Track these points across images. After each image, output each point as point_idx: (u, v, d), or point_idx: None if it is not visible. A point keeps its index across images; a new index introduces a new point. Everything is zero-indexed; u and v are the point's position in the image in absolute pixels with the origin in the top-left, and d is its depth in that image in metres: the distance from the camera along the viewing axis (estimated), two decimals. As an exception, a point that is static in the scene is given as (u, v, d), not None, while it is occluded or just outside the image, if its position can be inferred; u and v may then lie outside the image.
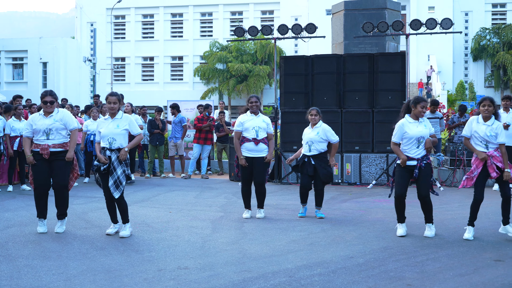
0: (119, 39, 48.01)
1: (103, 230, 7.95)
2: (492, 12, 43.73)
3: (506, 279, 5.53)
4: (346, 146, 14.08)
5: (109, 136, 7.63)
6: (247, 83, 41.72)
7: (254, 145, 9.06)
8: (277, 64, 17.28)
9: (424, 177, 7.63)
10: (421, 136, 7.63)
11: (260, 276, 5.65)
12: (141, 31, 48.19)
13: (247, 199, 9.31)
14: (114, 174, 7.52)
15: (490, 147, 7.42)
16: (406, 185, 7.72)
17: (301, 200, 9.40)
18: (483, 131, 7.43)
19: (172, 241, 7.29)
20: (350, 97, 14.20)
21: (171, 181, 14.99)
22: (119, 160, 7.57)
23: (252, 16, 46.05)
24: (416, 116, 7.72)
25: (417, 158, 7.64)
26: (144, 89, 46.39)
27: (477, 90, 41.21)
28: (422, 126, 7.70)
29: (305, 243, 7.23)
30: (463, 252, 6.69)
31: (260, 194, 9.21)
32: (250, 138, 9.07)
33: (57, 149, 7.87)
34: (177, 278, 5.62)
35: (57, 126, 7.88)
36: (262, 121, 9.17)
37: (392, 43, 19.40)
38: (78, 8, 48.38)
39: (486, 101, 7.52)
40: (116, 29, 48.33)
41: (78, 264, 6.16)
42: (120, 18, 48.34)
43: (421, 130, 7.65)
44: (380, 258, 6.39)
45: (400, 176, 7.70)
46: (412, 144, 7.66)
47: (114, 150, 7.61)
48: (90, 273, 5.81)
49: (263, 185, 9.18)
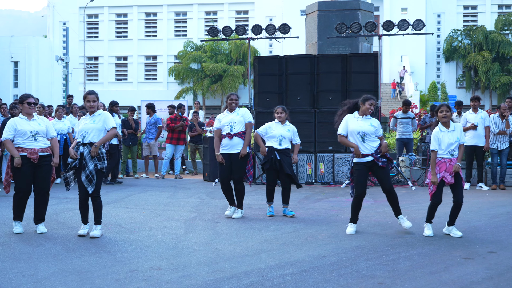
0: (92, 38, 47.65)
1: (74, 231, 7.88)
2: (463, 13, 44.33)
3: (475, 277, 5.61)
4: (320, 146, 14.15)
5: (83, 130, 7.62)
6: (221, 83, 41.69)
7: (228, 140, 9.03)
8: (251, 64, 17.29)
9: (385, 170, 7.83)
10: (362, 131, 7.78)
11: (233, 276, 5.65)
12: (114, 30, 47.87)
13: (229, 195, 9.24)
14: (86, 169, 7.49)
15: (455, 155, 7.55)
16: (366, 183, 7.91)
17: (267, 198, 9.47)
18: (448, 139, 7.56)
19: (144, 242, 7.25)
20: (324, 97, 14.27)
21: (145, 181, 14.91)
22: (90, 155, 7.52)
23: (226, 16, 46.04)
24: (364, 113, 7.88)
25: (371, 153, 7.77)
26: (117, 89, 46.05)
27: (449, 91, 41.71)
28: (367, 123, 7.83)
29: (278, 242, 7.25)
30: (434, 251, 6.77)
31: (238, 192, 9.17)
32: (225, 133, 9.08)
33: (44, 153, 7.87)
34: (149, 278, 5.59)
35: (42, 129, 7.89)
36: (237, 115, 9.14)
37: (365, 44, 19.56)
38: (51, 7, 47.88)
39: (443, 107, 7.67)
40: (89, 28, 47.95)
41: (49, 265, 6.09)
42: (93, 17, 47.96)
43: (363, 126, 7.81)
44: (352, 257, 6.44)
45: (359, 175, 7.83)
46: (357, 140, 7.81)
47: (87, 144, 7.56)
48: (61, 274, 5.76)
49: (240, 182, 9.14)
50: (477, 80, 41.63)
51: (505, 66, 41.39)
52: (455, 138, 7.55)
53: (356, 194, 7.85)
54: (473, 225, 8.40)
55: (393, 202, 7.96)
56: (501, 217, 9.25)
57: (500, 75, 40.35)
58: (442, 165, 7.54)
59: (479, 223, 8.64)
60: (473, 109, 13.44)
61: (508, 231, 7.99)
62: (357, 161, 7.85)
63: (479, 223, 8.60)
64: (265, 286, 5.34)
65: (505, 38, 40.93)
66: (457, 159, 7.59)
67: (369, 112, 7.88)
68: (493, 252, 6.68)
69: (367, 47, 19.69)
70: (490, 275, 5.67)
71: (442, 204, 7.73)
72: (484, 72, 40.29)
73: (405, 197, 11.64)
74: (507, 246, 6.99)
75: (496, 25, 41.54)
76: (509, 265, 6.09)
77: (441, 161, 7.55)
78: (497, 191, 12.82)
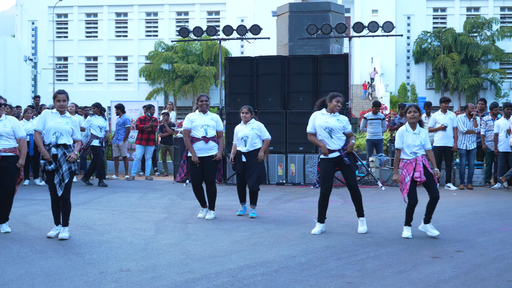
0: (61, 38, 47.14)
1: (43, 233, 7.79)
2: (433, 16, 44.88)
3: (442, 275, 5.69)
4: (291, 147, 14.20)
5: (57, 130, 7.52)
6: (193, 84, 41.59)
7: (204, 143, 9.00)
8: (222, 65, 17.28)
9: (351, 168, 7.91)
10: (329, 126, 7.86)
11: (203, 277, 5.65)
12: (84, 30, 47.42)
13: (201, 198, 9.25)
14: (60, 171, 7.42)
15: (418, 154, 7.65)
16: (332, 180, 8.00)
17: (240, 199, 9.51)
18: (412, 140, 7.66)
19: (114, 243, 7.20)
20: (294, 98, 14.32)
21: (115, 182, 14.80)
22: (65, 156, 7.46)
23: (198, 16, 45.93)
24: (332, 111, 7.94)
25: (337, 149, 7.85)
26: (87, 89, 45.62)
27: (418, 92, 42.18)
28: (334, 119, 7.91)
29: (248, 243, 7.26)
30: (402, 250, 6.84)
31: (210, 193, 9.15)
32: (200, 136, 9.04)
33: (8, 153, 7.81)
34: (118, 280, 5.55)
35: (6, 131, 7.82)
36: (211, 119, 9.12)
37: (336, 45, 19.68)
38: (19, 6, 47.22)
39: (411, 107, 7.75)
40: (58, 28, 47.42)
41: (16, 268, 6.02)
42: (62, 17, 47.44)
43: (330, 121, 7.88)
44: (322, 257, 6.48)
45: (325, 171, 7.91)
46: (324, 137, 7.88)
47: (60, 146, 7.49)
48: (29, 277, 5.69)
49: (213, 183, 9.13)
50: (446, 82, 42.18)
51: (473, 68, 42.02)
52: (418, 141, 7.65)
53: (322, 191, 7.92)
54: (441, 225, 8.50)
55: (357, 201, 8.02)
56: (468, 216, 9.39)
57: (469, 77, 40.94)
58: (409, 166, 7.62)
59: (447, 222, 8.76)
60: (442, 110, 13.62)
61: (474, 231, 8.11)
62: (323, 158, 7.92)
63: (447, 223, 8.71)
64: (235, 286, 5.34)
65: (474, 40, 41.55)
66: (433, 164, 7.69)
67: (336, 109, 7.92)
68: (460, 251, 6.78)
69: (337, 48, 19.81)
70: (457, 274, 5.75)
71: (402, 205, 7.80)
72: (453, 73, 40.84)
73: (374, 197, 11.74)
74: (474, 245, 7.10)
75: (465, 27, 42.14)
76: (475, 263, 6.19)
77: (407, 162, 7.64)
78: (465, 191, 13.00)
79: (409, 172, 7.58)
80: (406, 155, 7.68)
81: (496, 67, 42.61)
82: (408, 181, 7.56)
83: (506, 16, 44.03)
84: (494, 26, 41.69)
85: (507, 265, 6.12)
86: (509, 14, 44.12)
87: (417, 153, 7.64)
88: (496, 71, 41.45)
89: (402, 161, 7.71)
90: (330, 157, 7.88)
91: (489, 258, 6.44)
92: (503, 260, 6.32)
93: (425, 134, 7.75)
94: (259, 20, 36.78)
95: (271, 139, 10.12)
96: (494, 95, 41.80)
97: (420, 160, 7.62)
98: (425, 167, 7.64)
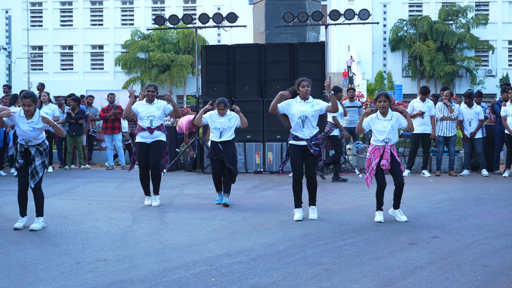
0: (36, 27, 46.47)
1: (18, 224, 7.69)
2: (409, 4, 45.06)
3: (419, 261, 5.73)
4: (268, 135, 14.20)
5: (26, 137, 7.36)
6: (170, 73, 41.35)
7: (149, 133, 9.16)
8: (198, 54, 17.18)
9: (315, 158, 7.95)
10: (303, 115, 7.83)
11: (180, 266, 5.62)
12: (59, 19, 46.76)
13: (146, 186, 9.37)
14: (33, 164, 7.31)
15: (390, 142, 7.70)
16: (302, 165, 7.99)
17: (216, 188, 9.48)
18: (382, 126, 7.71)
19: (91, 233, 7.14)
20: (272, 86, 14.31)
21: (91, 172, 14.68)
22: (39, 151, 7.35)
23: (174, 5, 45.57)
24: (303, 97, 7.89)
25: (306, 138, 7.87)
26: (63, 79, 45.07)
27: (395, 80, 42.41)
28: (309, 106, 7.89)
29: (226, 231, 7.25)
30: (379, 237, 6.88)
31: (155, 177, 9.24)
32: (145, 127, 9.12)
33: None
34: (95, 270, 5.51)
35: None
36: (157, 109, 9.20)
37: (312, 33, 19.66)
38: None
39: (381, 97, 7.79)
40: (32, 17, 46.73)
41: (-9, 259, 5.94)
42: (36, 5, 46.72)
43: (304, 109, 7.84)
44: (300, 245, 6.49)
45: (294, 157, 7.96)
46: (297, 124, 7.87)
47: (33, 146, 7.39)
48: (4, 268, 5.61)
49: (157, 168, 9.20)
50: (422, 69, 42.44)
51: (449, 55, 42.32)
52: (389, 126, 7.70)
53: (294, 176, 7.99)
54: (417, 211, 8.58)
55: (311, 190, 8.10)
56: (444, 203, 9.47)
57: (444, 65, 41.23)
58: (376, 152, 7.73)
59: (423, 209, 8.83)
60: (420, 99, 13.79)
61: (451, 217, 8.19)
62: (291, 143, 7.94)
63: (423, 209, 8.79)
64: (213, 275, 5.33)
65: (449, 28, 41.82)
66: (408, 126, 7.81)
67: (306, 93, 7.88)
68: (436, 237, 6.84)
69: (314, 36, 19.80)
70: (434, 260, 5.80)
71: (387, 191, 7.86)
72: (429, 61, 41.09)
73: (351, 185, 11.80)
74: (450, 231, 7.17)
75: (440, 15, 42.38)
76: (451, 249, 6.24)
77: (375, 148, 7.74)
78: (441, 178, 13.13)
79: (375, 157, 7.67)
80: (377, 141, 7.74)
81: (471, 55, 42.97)
82: (374, 165, 7.65)
83: (481, 3, 44.34)
84: (469, 14, 41.98)
85: (482, 250, 6.19)
86: (484, 1, 44.45)
87: (390, 140, 7.69)
88: (471, 59, 41.79)
89: (372, 145, 7.79)
90: (297, 144, 7.90)
91: (465, 244, 6.51)
92: (478, 246, 6.39)
93: (396, 118, 7.78)
94: (235, 8, 36.64)
95: (249, 128, 10.09)
96: (470, 82, 42.20)
97: (389, 148, 7.69)
98: (393, 155, 7.71)
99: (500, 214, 8.45)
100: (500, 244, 6.47)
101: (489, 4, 44.39)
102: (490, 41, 42.80)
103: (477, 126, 13.56)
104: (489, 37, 43.17)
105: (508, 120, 13.21)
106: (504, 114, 13.29)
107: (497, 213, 8.54)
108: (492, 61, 43.63)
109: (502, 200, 9.79)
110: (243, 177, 13.10)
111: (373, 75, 42.55)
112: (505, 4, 44.04)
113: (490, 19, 42.70)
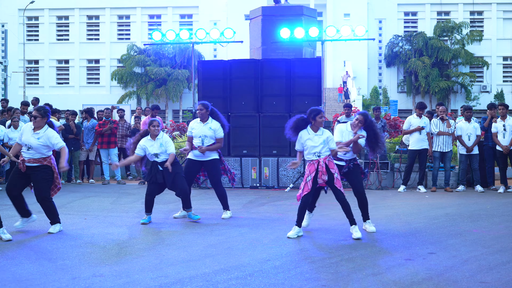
0: (32, 41, 46.59)
1: (14, 238, 7.67)
2: (404, 20, 45.36)
3: (415, 277, 5.74)
4: (264, 150, 14.21)
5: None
6: (166, 87, 41.42)
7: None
8: (195, 69, 17.23)
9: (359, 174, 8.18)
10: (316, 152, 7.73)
11: (177, 281, 5.61)
12: (55, 33, 46.88)
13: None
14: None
15: (322, 155, 7.70)
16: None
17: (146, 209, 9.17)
18: (313, 142, 7.71)
19: (87, 248, 7.13)
20: (268, 102, 14.34)
21: (87, 187, 14.65)
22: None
23: (170, 19, 45.75)
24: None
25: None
26: (59, 93, 45.07)
27: (390, 95, 42.58)
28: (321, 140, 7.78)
29: (222, 247, 7.24)
30: (376, 252, 6.89)
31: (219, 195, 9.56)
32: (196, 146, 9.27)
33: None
34: (91, 286, 5.49)
35: None
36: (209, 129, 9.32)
37: (308, 49, 19.72)
38: (-12, 9, 46.56)
39: (321, 113, 7.81)
40: (29, 31, 46.87)
41: (-13, 274, 5.92)
42: (33, 20, 46.88)
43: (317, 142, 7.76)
44: (296, 260, 6.49)
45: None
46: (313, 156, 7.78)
47: None
48: (0, 283, 5.59)
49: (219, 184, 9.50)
50: (417, 85, 42.61)
51: (444, 71, 42.50)
52: (321, 141, 7.70)
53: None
54: (413, 227, 8.58)
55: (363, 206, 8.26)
56: (440, 218, 9.48)
57: (439, 80, 41.40)
58: (311, 167, 7.72)
59: (419, 224, 8.84)
60: (417, 114, 13.87)
61: (447, 232, 8.20)
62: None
63: (419, 225, 8.79)
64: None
65: (444, 44, 42.05)
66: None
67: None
68: (433, 253, 6.85)
69: (310, 52, 19.87)
70: (430, 276, 5.81)
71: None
72: (424, 77, 41.26)
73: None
74: (446, 247, 7.18)
75: (435, 31, 42.61)
76: (448, 265, 6.25)
77: (310, 163, 7.75)
78: (437, 193, 13.15)
79: (310, 172, 7.68)
80: (309, 156, 7.76)
81: (466, 71, 43.17)
82: (309, 180, 7.65)
83: (475, 20, 44.65)
84: (464, 30, 42.24)
85: (479, 266, 6.20)
86: (479, 18, 44.77)
87: (321, 154, 7.69)
88: (466, 75, 41.97)
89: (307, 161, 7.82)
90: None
91: (461, 259, 6.52)
92: (475, 262, 6.40)
93: (327, 135, 7.75)
94: (232, 24, 36.76)
95: (245, 143, 10.10)
96: (465, 98, 42.36)
97: (323, 162, 7.68)
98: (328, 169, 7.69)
99: (496, 230, 8.47)
100: (496, 260, 6.49)
101: (483, 20, 44.71)
102: (484, 57, 43.00)
103: (475, 141, 13.68)
104: (484, 53, 43.41)
105: (499, 136, 13.40)
106: (495, 130, 13.49)
107: (493, 229, 8.56)
108: (486, 77, 43.85)
109: (497, 216, 9.81)
110: (239, 192, 13.10)
111: (369, 91, 42.70)
112: (500, 20, 44.35)
113: (484, 36, 42.97)
